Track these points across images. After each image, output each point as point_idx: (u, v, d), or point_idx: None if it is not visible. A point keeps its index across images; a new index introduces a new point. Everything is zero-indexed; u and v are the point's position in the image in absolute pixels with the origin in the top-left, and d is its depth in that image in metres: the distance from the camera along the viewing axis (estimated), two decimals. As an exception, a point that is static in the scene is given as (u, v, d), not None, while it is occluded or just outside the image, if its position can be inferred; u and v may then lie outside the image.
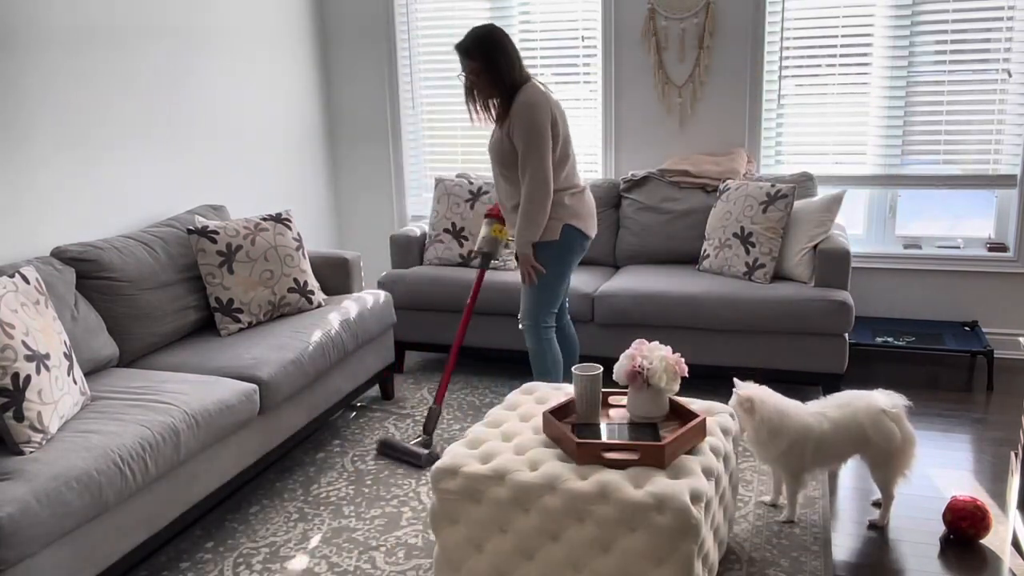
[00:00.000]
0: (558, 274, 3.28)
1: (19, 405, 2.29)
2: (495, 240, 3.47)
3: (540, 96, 3.12)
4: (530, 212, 3.13)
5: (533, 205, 3.12)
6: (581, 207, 3.27)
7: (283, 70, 4.62)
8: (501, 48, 3.12)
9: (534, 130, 3.08)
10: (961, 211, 4.54)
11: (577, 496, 2.10)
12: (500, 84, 3.13)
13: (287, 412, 3.13)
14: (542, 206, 3.13)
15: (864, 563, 2.57)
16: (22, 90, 3.04)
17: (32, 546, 2.07)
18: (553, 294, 3.30)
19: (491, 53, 3.11)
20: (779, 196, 3.81)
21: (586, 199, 3.31)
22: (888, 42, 4.17)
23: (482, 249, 3.49)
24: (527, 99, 3.10)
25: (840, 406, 2.69)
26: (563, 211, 3.21)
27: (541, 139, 3.08)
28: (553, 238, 3.21)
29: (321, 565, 2.61)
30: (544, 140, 3.09)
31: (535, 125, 3.07)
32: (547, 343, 3.33)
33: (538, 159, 3.09)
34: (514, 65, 3.14)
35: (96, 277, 3.08)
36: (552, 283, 3.28)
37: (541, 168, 3.09)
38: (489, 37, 3.13)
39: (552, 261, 3.25)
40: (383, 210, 5.16)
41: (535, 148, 3.08)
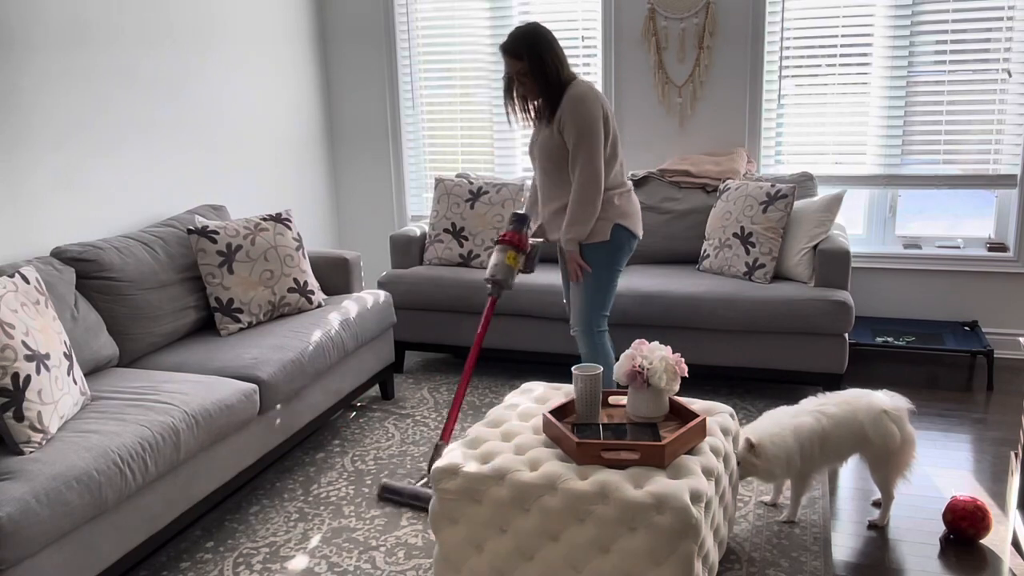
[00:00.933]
0: (610, 276, 3.19)
1: (19, 405, 2.29)
2: (508, 268, 3.24)
3: (591, 91, 3.05)
4: (580, 209, 3.06)
5: (584, 202, 3.05)
6: (630, 207, 3.19)
7: (283, 70, 4.62)
8: (548, 46, 3.03)
9: (587, 124, 3.00)
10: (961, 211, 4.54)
11: (577, 496, 2.10)
12: (548, 83, 3.04)
13: (287, 412, 3.13)
14: (593, 203, 3.05)
15: (864, 563, 2.57)
16: (22, 90, 3.04)
17: (32, 546, 2.07)
18: (606, 297, 3.21)
19: (539, 52, 3.02)
20: (779, 196, 3.81)
21: (634, 199, 3.24)
22: (888, 42, 4.17)
23: (494, 276, 3.24)
24: (579, 93, 3.02)
25: (840, 404, 2.68)
26: (613, 211, 3.13)
27: (594, 134, 3.01)
28: (603, 239, 3.13)
29: (321, 565, 2.61)
30: (597, 135, 3.02)
31: (588, 119, 3.00)
32: (602, 347, 3.22)
33: (590, 154, 3.01)
34: (562, 63, 3.07)
35: (96, 277, 3.08)
36: (604, 285, 3.19)
37: (593, 164, 3.02)
38: (536, 35, 3.03)
39: (603, 263, 3.16)
40: (383, 210, 5.16)
41: (587, 143, 3.01)
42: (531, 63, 3.02)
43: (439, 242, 4.31)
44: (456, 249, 4.27)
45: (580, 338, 3.24)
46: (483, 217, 4.25)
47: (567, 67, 3.09)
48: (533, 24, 3.07)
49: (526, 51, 3.02)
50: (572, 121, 3.01)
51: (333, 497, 3.03)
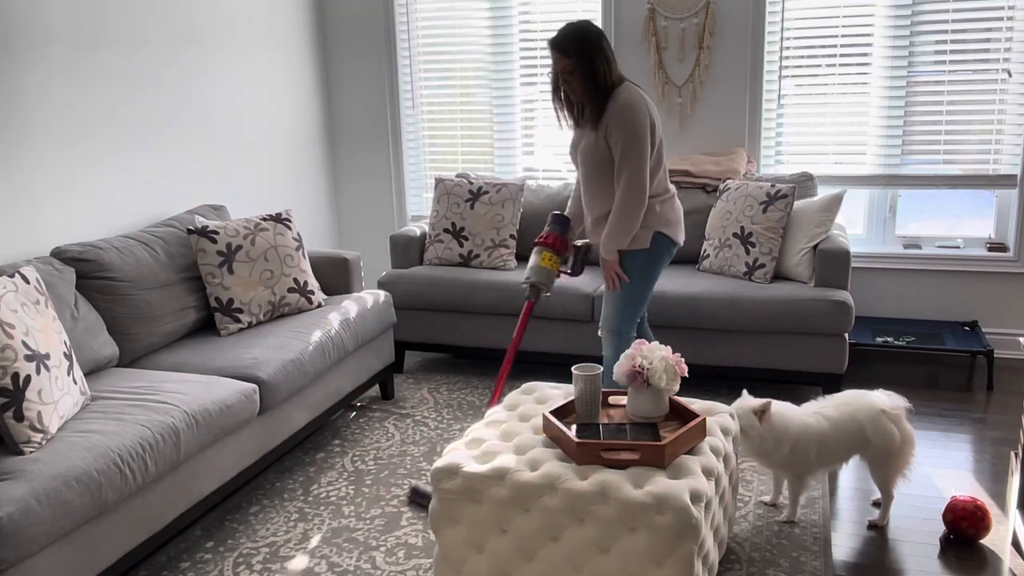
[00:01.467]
0: (646, 284, 3.13)
1: (19, 405, 2.29)
2: (545, 271, 3.14)
3: (640, 97, 2.96)
4: (623, 218, 2.97)
5: (627, 211, 2.97)
6: (672, 214, 3.12)
7: (283, 70, 4.62)
8: (598, 46, 2.93)
9: (635, 132, 2.91)
10: (961, 211, 4.54)
11: (577, 496, 2.10)
12: (596, 85, 2.94)
13: (287, 412, 3.13)
14: (636, 213, 2.97)
15: (864, 563, 2.57)
16: (22, 90, 3.04)
17: (32, 546, 2.07)
18: (640, 304, 3.14)
19: (588, 51, 2.91)
20: (779, 196, 3.81)
21: (676, 206, 3.17)
22: (888, 42, 4.17)
23: (530, 279, 3.15)
24: (627, 99, 2.93)
25: (839, 406, 2.69)
26: (654, 219, 3.05)
27: (641, 142, 2.93)
28: (644, 247, 3.06)
29: (321, 565, 2.61)
30: (644, 143, 2.93)
31: (636, 127, 2.91)
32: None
33: (637, 163, 2.93)
34: (611, 65, 2.97)
35: (96, 277, 3.08)
36: (640, 293, 3.12)
37: (639, 173, 2.94)
38: (587, 34, 2.93)
39: (641, 270, 3.09)
40: (383, 210, 5.16)
41: (635, 151, 2.92)
42: (579, 61, 2.92)
43: (439, 242, 4.31)
44: (456, 249, 4.27)
45: (607, 340, 3.17)
46: (483, 217, 4.25)
47: (616, 70, 2.99)
48: (585, 22, 2.97)
49: (575, 49, 2.92)
50: (620, 129, 2.93)
51: (333, 497, 3.03)
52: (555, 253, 3.15)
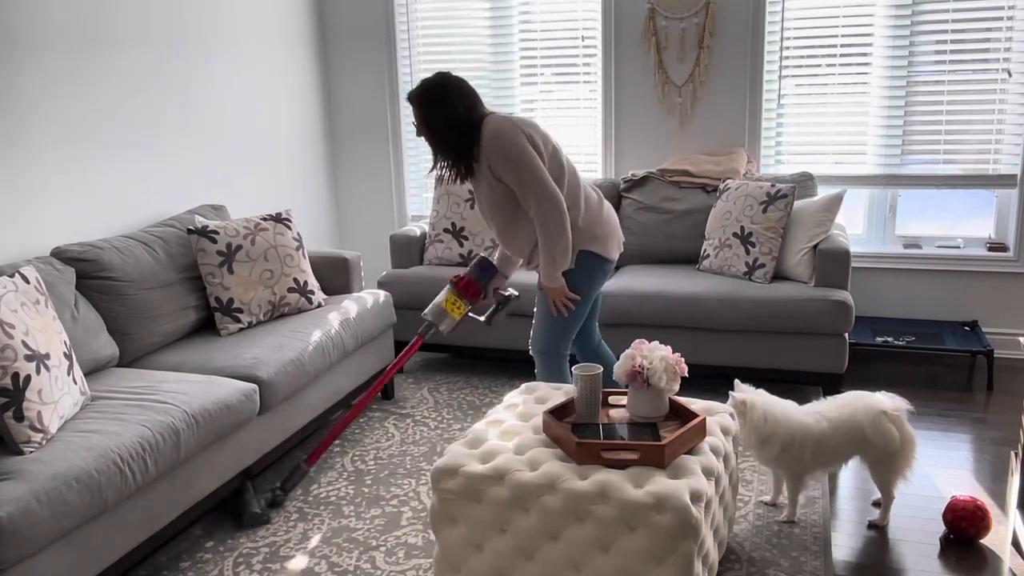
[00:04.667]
0: (580, 304, 2.95)
1: (19, 405, 2.29)
2: (443, 312, 3.01)
3: (504, 121, 2.78)
4: (552, 244, 2.80)
5: (551, 231, 2.79)
6: (597, 227, 2.92)
7: (283, 70, 4.62)
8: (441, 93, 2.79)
9: (516, 154, 2.74)
10: (961, 211, 4.54)
11: (577, 496, 2.10)
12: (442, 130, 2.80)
13: (287, 412, 3.13)
14: (561, 230, 2.79)
15: (864, 563, 2.57)
16: (23, 90, 3.04)
17: (32, 546, 2.07)
18: (573, 324, 2.97)
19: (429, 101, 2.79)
20: (779, 196, 3.81)
21: (603, 217, 2.96)
22: (888, 42, 4.17)
23: (426, 317, 3.05)
24: (492, 130, 2.76)
25: (840, 407, 2.68)
26: (576, 236, 2.88)
27: (528, 159, 2.74)
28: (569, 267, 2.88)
29: (321, 565, 2.61)
30: (533, 161, 2.75)
31: (513, 149, 2.74)
32: (559, 374, 3.02)
33: (536, 181, 2.75)
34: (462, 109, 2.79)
35: (96, 277, 3.08)
36: (572, 313, 2.95)
37: (545, 190, 2.75)
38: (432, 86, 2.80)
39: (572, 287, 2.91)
40: (383, 210, 5.16)
41: (529, 172, 2.75)
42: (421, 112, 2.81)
43: (439, 242, 4.31)
44: (456, 249, 4.27)
45: (539, 360, 3.03)
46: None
47: (476, 110, 2.82)
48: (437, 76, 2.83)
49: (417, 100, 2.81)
50: (500, 160, 2.76)
51: (333, 497, 3.03)
52: (462, 297, 3.00)
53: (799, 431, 2.61)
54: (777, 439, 2.61)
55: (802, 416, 2.65)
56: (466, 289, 3.01)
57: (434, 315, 3.03)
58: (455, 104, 2.79)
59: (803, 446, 2.62)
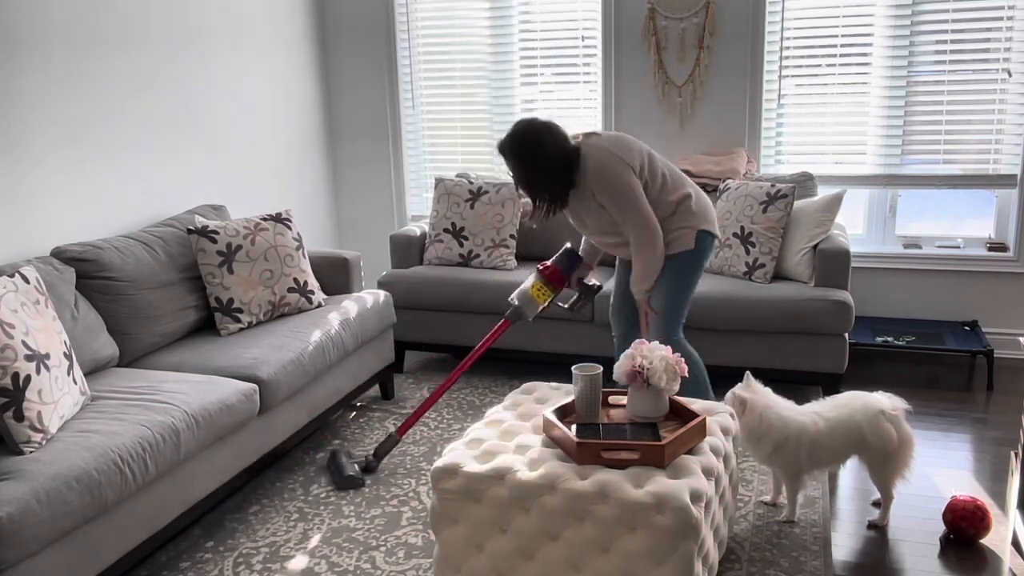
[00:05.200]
0: (692, 283, 3.11)
1: (19, 405, 2.29)
2: (529, 299, 3.09)
3: (606, 155, 2.92)
4: (646, 263, 2.99)
5: (645, 254, 2.98)
6: (708, 211, 3.10)
7: (283, 70, 4.62)
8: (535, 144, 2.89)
9: (619, 189, 2.91)
10: (961, 211, 4.54)
11: (577, 496, 2.10)
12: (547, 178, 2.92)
13: (287, 412, 3.13)
14: (654, 252, 2.98)
15: (864, 563, 2.57)
16: (23, 90, 3.04)
17: (32, 546, 2.07)
18: (685, 306, 3.12)
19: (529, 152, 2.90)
20: (779, 196, 3.81)
21: (705, 199, 3.14)
22: (888, 42, 4.17)
23: (512, 300, 3.12)
24: (597, 166, 2.91)
25: (838, 407, 2.68)
26: (692, 218, 3.04)
27: (630, 190, 2.91)
28: (688, 248, 3.04)
29: (321, 565, 2.61)
30: (633, 189, 2.92)
31: (617, 185, 2.91)
32: (687, 353, 3.11)
33: (634, 210, 2.92)
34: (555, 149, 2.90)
35: (96, 277, 3.08)
36: (685, 294, 3.10)
37: (641, 217, 2.93)
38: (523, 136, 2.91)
39: (686, 270, 3.07)
40: (383, 210, 5.16)
41: (627, 202, 2.92)
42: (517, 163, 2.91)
43: (439, 242, 4.31)
44: (456, 249, 4.27)
45: None
46: (483, 217, 4.25)
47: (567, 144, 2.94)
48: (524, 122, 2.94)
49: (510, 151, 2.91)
50: (603, 192, 2.93)
51: (333, 497, 3.03)
52: (547, 285, 3.08)
53: (793, 432, 2.61)
54: (769, 439, 2.61)
55: (798, 416, 2.65)
56: (551, 277, 3.08)
57: (521, 300, 3.10)
58: (548, 150, 2.90)
59: (798, 446, 2.61)
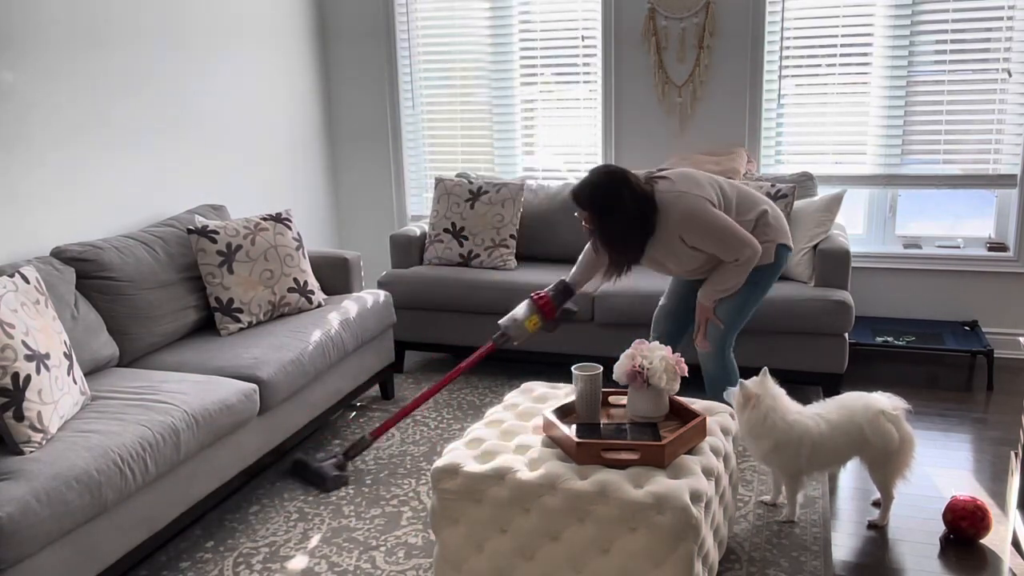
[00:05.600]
0: (762, 296, 3.12)
1: (19, 405, 2.29)
2: (523, 329, 3.15)
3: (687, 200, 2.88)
4: (733, 278, 2.98)
5: (742, 272, 2.97)
6: (782, 223, 3.10)
7: (283, 70, 4.62)
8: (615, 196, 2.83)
9: (712, 227, 2.89)
10: (961, 211, 4.54)
11: (577, 496, 2.10)
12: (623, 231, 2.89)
13: (287, 412, 3.13)
14: (748, 270, 2.97)
15: (864, 563, 2.57)
16: (23, 90, 3.04)
17: (32, 546, 2.07)
18: (747, 317, 3.13)
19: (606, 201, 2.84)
20: (779, 196, 3.81)
21: (780, 213, 3.13)
22: (888, 42, 4.17)
23: (506, 328, 3.17)
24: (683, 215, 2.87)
25: (838, 408, 2.68)
26: (773, 232, 3.04)
27: (723, 225, 2.90)
28: (769, 261, 3.03)
29: (321, 565, 2.61)
30: (725, 223, 2.90)
31: (710, 223, 2.89)
32: (730, 364, 3.14)
33: (734, 238, 2.91)
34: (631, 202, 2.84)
35: (96, 277, 3.07)
36: (751, 306, 3.10)
37: (742, 239, 2.91)
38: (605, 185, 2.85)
39: (764, 283, 3.07)
40: (383, 210, 5.16)
41: (725, 234, 2.90)
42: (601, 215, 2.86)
43: (439, 242, 4.31)
44: (456, 249, 4.27)
45: (712, 357, 3.12)
46: (483, 217, 4.25)
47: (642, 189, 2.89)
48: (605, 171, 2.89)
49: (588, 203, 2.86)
50: (699, 236, 2.91)
51: (333, 497, 3.03)
52: (539, 316, 3.16)
53: (795, 434, 2.61)
54: (770, 438, 2.61)
55: (802, 419, 2.64)
56: (545, 308, 3.17)
57: (515, 332, 3.17)
58: (627, 205, 2.84)
59: (799, 447, 2.61)
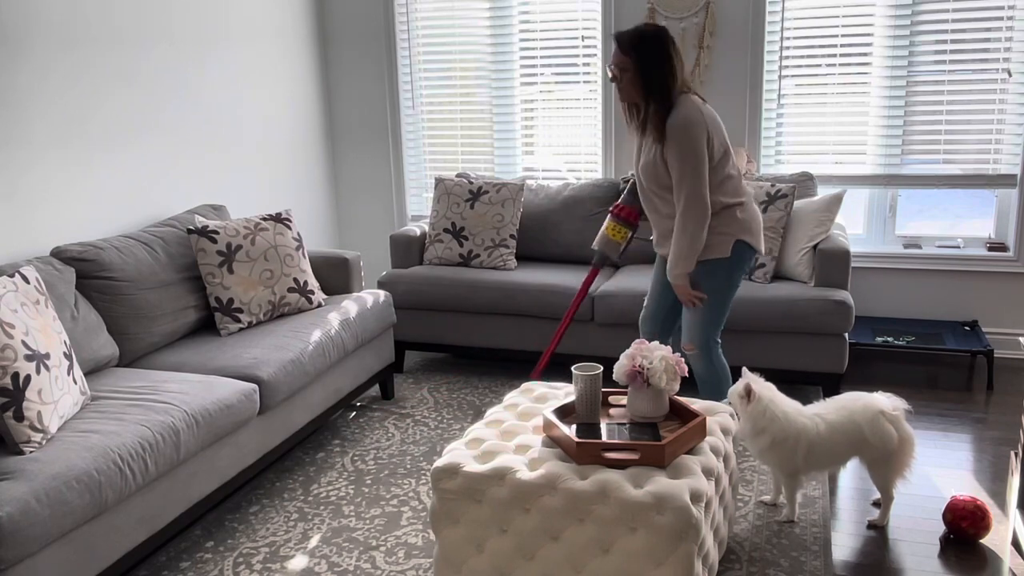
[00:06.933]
0: (730, 293, 3.05)
1: (19, 405, 2.29)
2: (611, 242, 3.14)
3: (695, 113, 2.84)
4: (686, 242, 2.90)
5: (689, 233, 2.89)
6: (752, 221, 3.03)
7: (283, 70, 4.62)
8: (663, 53, 2.83)
9: (690, 153, 2.83)
10: (961, 211, 4.54)
11: (577, 496, 2.10)
12: (648, 91, 2.85)
13: (287, 412, 3.13)
14: (699, 235, 2.89)
15: (864, 563, 2.57)
16: (22, 89, 3.04)
17: (32, 546, 2.07)
18: (723, 314, 3.07)
19: (650, 53, 2.82)
20: (779, 196, 3.81)
21: (755, 211, 3.07)
22: (888, 42, 4.17)
23: (600, 246, 3.17)
24: (683, 117, 2.83)
25: (838, 408, 2.68)
26: (735, 226, 2.96)
27: (698, 162, 2.84)
28: (724, 255, 2.97)
29: (321, 565, 2.61)
30: (701, 163, 2.84)
31: (691, 148, 2.83)
32: (719, 364, 3.11)
33: (695, 185, 2.84)
34: (672, 76, 2.85)
35: (96, 277, 3.08)
36: (724, 302, 3.05)
37: (696, 193, 2.85)
38: (653, 39, 2.84)
39: (723, 280, 3.02)
40: (383, 210, 5.16)
41: (691, 173, 2.84)
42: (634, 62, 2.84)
43: (439, 242, 4.31)
44: (456, 249, 4.27)
45: (696, 358, 3.10)
46: (483, 217, 4.25)
47: (680, 82, 2.88)
48: (659, 28, 2.89)
49: (636, 49, 2.84)
50: (675, 149, 2.85)
51: (333, 497, 3.03)
52: (623, 225, 3.12)
53: (793, 431, 2.61)
54: (769, 434, 2.61)
55: (800, 417, 2.65)
56: (628, 216, 3.13)
57: (602, 244, 3.15)
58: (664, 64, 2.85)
59: (796, 445, 2.61)
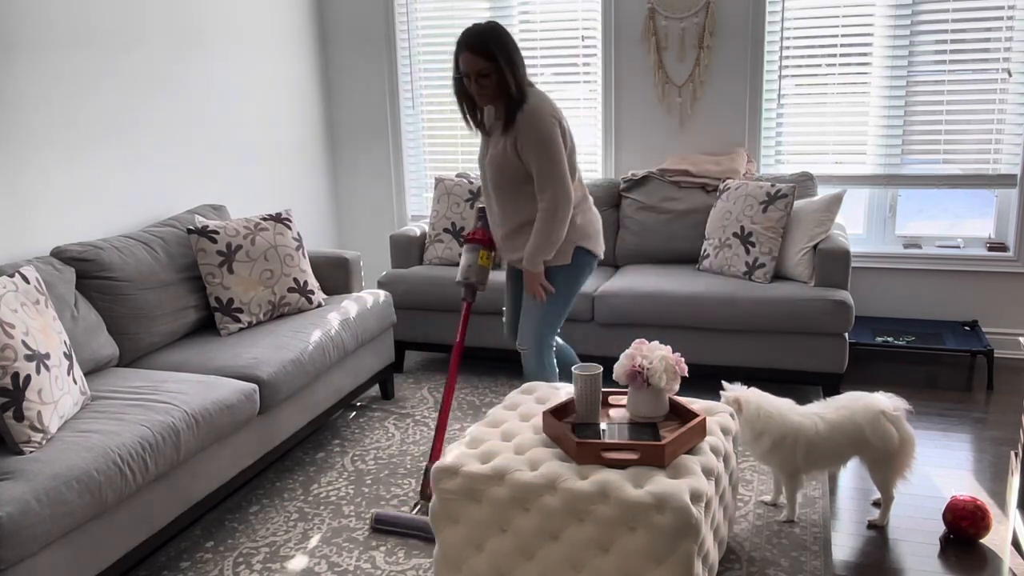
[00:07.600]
0: (569, 299, 3.07)
1: (19, 405, 2.29)
2: (482, 269, 3.08)
3: (548, 104, 2.85)
4: (550, 230, 2.88)
5: (555, 223, 2.87)
6: (591, 226, 3.04)
7: (283, 70, 4.62)
8: (515, 49, 2.82)
9: (551, 142, 2.81)
10: (961, 211, 4.54)
11: (577, 496, 2.10)
12: (511, 88, 2.81)
13: (287, 412, 3.13)
14: (563, 227, 2.89)
15: (864, 563, 2.57)
16: (22, 90, 3.04)
17: (32, 546, 2.07)
18: (560, 318, 3.09)
19: (510, 54, 2.79)
20: (779, 196, 3.82)
21: (595, 216, 3.08)
22: (888, 42, 4.17)
23: (468, 279, 3.07)
24: (537, 108, 2.82)
25: (838, 408, 2.68)
26: (574, 232, 2.97)
27: (559, 151, 2.83)
28: (565, 262, 2.99)
29: (321, 565, 2.61)
30: (562, 152, 2.84)
31: (549, 137, 2.81)
32: (549, 366, 3.12)
33: (559, 174, 2.83)
34: (523, 69, 2.85)
35: (96, 277, 3.08)
36: (561, 308, 3.06)
37: (563, 183, 2.84)
38: (506, 36, 2.81)
39: (562, 286, 3.03)
40: (383, 210, 5.16)
41: (554, 162, 2.82)
42: (499, 64, 2.78)
43: (439, 242, 4.31)
44: (456, 249, 4.27)
45: (529, 357, 3.11)
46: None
47: (526, 75, 2.87)
48: (496, 24, 2.83)
49: (497, 50, 2.77)
50: (533, 142, 2.81)
51: (333, 497, 3.03)
52: (487, 249, 3.10)
53: (791, 430, 2.62)
54: (769, 435, 2.62)
55: (797, 416, 2.65)
56: (487, 240, 3.13)
57: (476, 275, 3.09)
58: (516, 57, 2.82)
59: (795, 444, 2.62)
